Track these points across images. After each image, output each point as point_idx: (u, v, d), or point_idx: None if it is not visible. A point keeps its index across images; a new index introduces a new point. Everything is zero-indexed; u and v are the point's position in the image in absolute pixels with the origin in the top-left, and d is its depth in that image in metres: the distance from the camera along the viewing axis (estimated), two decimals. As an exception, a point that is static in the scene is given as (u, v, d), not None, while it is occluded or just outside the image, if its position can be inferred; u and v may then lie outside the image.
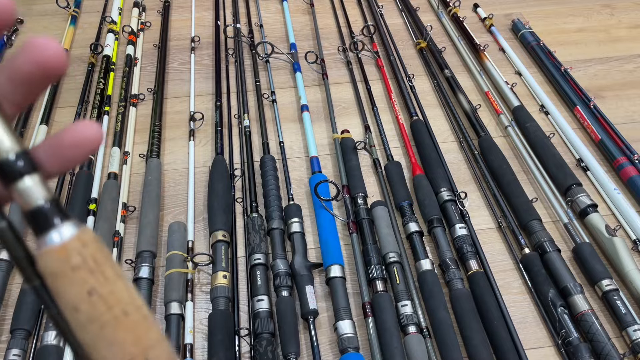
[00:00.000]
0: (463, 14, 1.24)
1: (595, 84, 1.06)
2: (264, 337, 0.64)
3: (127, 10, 1.22)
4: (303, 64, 1.09)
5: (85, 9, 1.25)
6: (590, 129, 0.96)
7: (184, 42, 1.16)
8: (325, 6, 1.28)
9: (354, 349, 0.64)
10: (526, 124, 0.94)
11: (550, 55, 1.11)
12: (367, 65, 1.10)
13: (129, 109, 0.98)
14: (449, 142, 0.95)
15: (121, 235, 0.76)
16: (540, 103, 1.02)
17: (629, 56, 1.14)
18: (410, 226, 0.77)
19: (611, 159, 0.90)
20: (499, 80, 1.05)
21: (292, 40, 1.15)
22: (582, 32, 1.22)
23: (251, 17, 1.23)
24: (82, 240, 0.17)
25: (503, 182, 0.84)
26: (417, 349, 0.64)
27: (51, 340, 0.64)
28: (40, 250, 0.17)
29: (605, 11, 1.28)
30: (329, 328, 0.69)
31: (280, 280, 0.69)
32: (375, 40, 1.17)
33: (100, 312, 0.17)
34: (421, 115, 0.98)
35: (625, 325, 0.67)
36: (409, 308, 0.68)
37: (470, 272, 0.73)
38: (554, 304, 0.68)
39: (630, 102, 1.03)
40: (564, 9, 1.29)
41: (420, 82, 1.07)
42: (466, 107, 0.99)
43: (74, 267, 0.17)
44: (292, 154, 0.92)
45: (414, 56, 1.15)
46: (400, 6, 1.29)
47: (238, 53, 1.10)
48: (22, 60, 0.16)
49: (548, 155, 0.88)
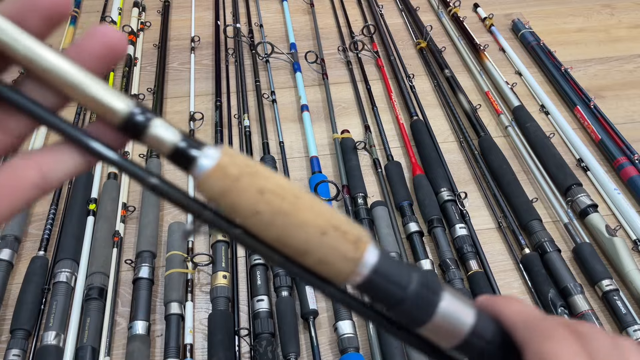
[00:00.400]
0: (463, 14, 1.24)
1: (595, 84, 1.06)
2: (264, 337, 0.64)
3: (127, 10, 1.22)
4: (303, 64, 1.09)
5: (85, 9, 1.25)
6: (590, 129, 0.95)
7: (184, 42, 1.16)
8: (325, 6, 1.28)
9: (354, 349, 0.64)
10: (526, 124, 0.94)
11: (551, 55, 1.11)
12: (367, 65, 1.10)
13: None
14: (449, 142, 0.95)
15: (121, 235, 0.75)
16: (541, 103, 1.02)
17: (629, 56, 1.14)
18: (410, 226, 0.77)
19: (611, 159, 0.90)
20: (499, 80, 1.05)
21: (292, 40, 1.15)
22: (582, 32, 1.22)
23: (251, 17, 1.23)
24: (228, 154, 0.18)
25: (503, 182, 0.84)
26: (417, 349, 0.64)
27: (51, 341, 0.64)
28: (199, 179, 0.18)
29: (605, 11, 1.28)
30: (329, 328, 0.69)
31: (280, 281, 0.69)
32: (375, 40, 1.17)
33: (278, 204, 0.18)
34: (421, 115, 0.98)
35: (626, 326, 0.67)
36: (409, 308, 0.67)
37: (470, 272, 0.73)
38: (554, 304, 0.68)
39: (630, 102, 1.03)
40: (564, 8, 1.29)
41: (420, 82, 1.07)
42: (466, 107, 0.99)
43: (236, 178, 0.18)
44: (292, 154, 0.92)
45: (414, 56, 1.15)
46: (400, 6, 1.29)
47: (238, 53, 1.10)
48: (90, 43, 0.18)
49: (548, 155, 0.88)
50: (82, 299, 0.68)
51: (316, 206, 0.19)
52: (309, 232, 0.18)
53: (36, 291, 0.69)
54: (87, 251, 0.73)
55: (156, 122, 0.18)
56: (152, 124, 0.18)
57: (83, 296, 0.69)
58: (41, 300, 0.68)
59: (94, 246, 0.73)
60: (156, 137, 0.18)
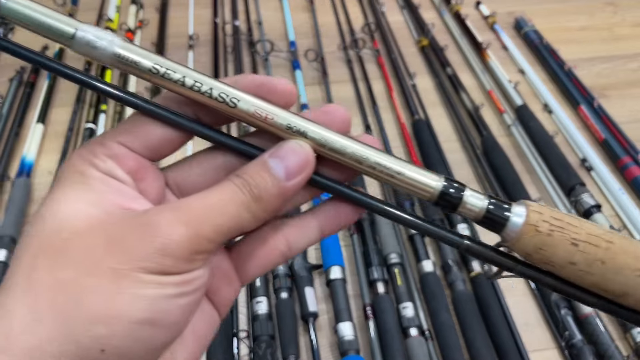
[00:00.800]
0: (465, 12, 1.23)
1: (599, 83, 1.05)
2: (263, 340, 0.63)
3: (124, 8, 1.21)
4: (303, 62, 1.07)
5: (82, 7, 1.24)
6: (593, 129, 0.94)
7: (182, 39, 1.15)
8: (325, 3, 1.27)
9: (355, 352, 0.63)
10: (529, 123, 0.93)
11: (554, 53, 1.10)
12: (367, 64, 1.09)
13: (126, 108, 0.96)
14: (451, 141, 0.94)
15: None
16: (544, 102, 1.01)
17: (632, 54, 1.13)
18: (411, 227, 0.76)
19: (615, 159, 0.89)
20: (501, 79, 1.04)
21: (291, 38, 1.14)
22: (586, 30, 1.21)
23: (250, 14, 1.21)
24: (534, 210, 0.19)
25: (506, 181, 0.83)
26: (418, 351, 0.63)
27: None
28: (512, 239, 0.20)
29: (608, 9, 1.27)
30: (329, 330, 0.68)
31: (279, 282, 0.68)
32: (376, 38, 1.16)
33: (592, 253, 0.19)
34: (423, 114, 0.97)
35: (629, 327, 0.66)
36: (411, 310, 0.67)
37: (472, 273, 0.72)
38: (558, 305, 0.67)
39: (634, 102, 1.02)
40: (567, 6, 1.28)
41: (422, 80, 1.06)
42: (469, 106, 0.98)
43: (548, 233, 0.19)
44: (292, 153, 0.91)
45: (415, 54, 1.13)
46: (401, 3, 1.28)
47: (237, 51, 1.09)
48: (326, 118, 0.22)
49: (551, 155, 0.87)
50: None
51: (630, 247, 0.19)
52: (627, 275, 0.19)
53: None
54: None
55: (467, 193, 0.20)
56: (464, 194, 0.20)
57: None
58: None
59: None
60: (470, 206, 0.20)
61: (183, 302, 0.19)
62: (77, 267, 0.18)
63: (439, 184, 0.20)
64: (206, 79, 0.20)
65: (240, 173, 0.20)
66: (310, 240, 0.23)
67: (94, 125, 0.91)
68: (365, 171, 0.21)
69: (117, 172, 0.20)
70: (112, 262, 0.18)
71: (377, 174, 0.21)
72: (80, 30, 0.20)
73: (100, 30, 0.20)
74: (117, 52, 0.20)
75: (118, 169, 0.20)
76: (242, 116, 0.21)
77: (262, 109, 0.20)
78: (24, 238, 0.19)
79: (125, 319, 0.17)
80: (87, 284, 0.18)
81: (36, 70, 1.02)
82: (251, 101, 0.20)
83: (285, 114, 0.21)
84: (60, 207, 0.19)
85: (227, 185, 0.20)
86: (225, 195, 0.19)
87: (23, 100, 0.96)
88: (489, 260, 0.20)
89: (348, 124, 0.22)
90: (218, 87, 0.20)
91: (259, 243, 0.23)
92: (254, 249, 0.23)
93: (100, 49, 0.20)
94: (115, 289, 0.17)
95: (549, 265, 0.19)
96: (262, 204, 0.20)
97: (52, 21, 0.19)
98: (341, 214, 0.23)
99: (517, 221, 0.19)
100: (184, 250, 0.18)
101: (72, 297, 0.17)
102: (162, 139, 0.21)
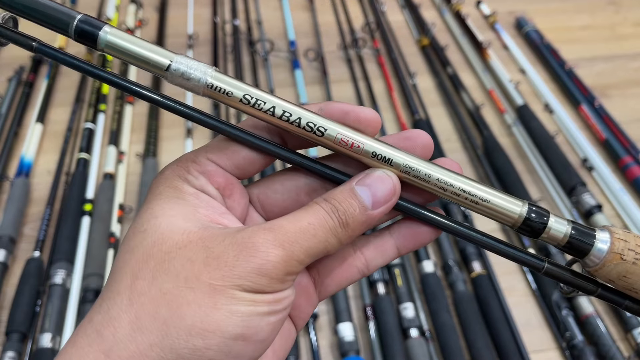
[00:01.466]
0: (466, 11, 1.22)
1: (600, 82, 1.05)
2: (263, 341, 0.63)
3: (123, 7, 1.21)
4: (303, 62, 1.07)
5: (81, 6, 1.23)
6: (595, 129, 0.94)
7: (182, 39, 1.15)
8: (325, 2, 1.27)
9: (355, 352, 0.63)
10: (530, 123, 0.93)
11: (555, 53, 1.09)
12: (368, 63, 1.09)
13: (125, 107, 0.96)
14: (451, 141, 0.94)
15: (117, 236, 0.74)
16: (545, 102, 1.01)
17: (634, 54, 1.13)
18: (412, 227, 0.76)
19: (616, 159, 0.89)
20: (502, 79, 1.04)
21: (291, 37, 1.14)
22: (587, 29, 1.21)
23: (250, 13, 1.21)
24: (619, 238, 0.20)
25: (507, 181, 0.83)
26: (419, 352, 0.63)
27: (47, 344, 0.63)
28: (595, 264, 0.20)
29: (610, 8, 1.27)
30: (329, 331, 0.68)
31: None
32: (377, 37, 1.16)
33: None
34: (423, 113, 0.97)
35: (630, 328, 0.66)
36: (411, 311, 0.66)
37: (473, 274, 0.71)
38: (559, 306, 0.67)
39: (635, 101, 1.02)
40: (568, 5, 1.27)
41: (422, 80, 1.06)
42: (469, 106, 0.98)
43: (633, 262, 0.19)
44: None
45: (416, 53, 1.13)
46: (401, 2, 1.27)
47: (236, 50, 1.08)
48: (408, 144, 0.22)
49: (552, 155, 0.86)
50: (77, 301, 0.67)
51: None
52: None
53: (31, 293, 0.67)
54: (83, 252, 0.72)
55: (552, 219, 0.20)
56: (549, 220, 0.20)
57: (79, 298, 0.67)
58: (36, 302, 0.67)
59: (90, 247, 0.72)
60: (554, 232, 0.20)
61: (273, 319, 0.19)
62: (178, 279, 0.19)
63: (523, 210, 0.20)
64: (295, 109, 0.21)
65: (328, 198, 0.21)
66: (387, 259, 0.24)
67: (93, 124, 0.91)
68: (449, 197, 0.21)
69: (209, 188, 0.21)
70: (209, 278, 0.18)
71: (461, 200, 0.21)
72: (175, 63, 0.20)
73: (191, 59, 0.20)
74: (210, 82, 0.20)
75: (209, 185, 0.21)
76: (327, 143, 0.21)
77: (347, 137, 0.21)
78: (125, 249, 0.20)
79: (219, 333, 0.18)
80: (187, 297, 0.18)
81: (35, 70, 1.02)
82: (337, 129, 0.21)
83: (371, 141, 0.21)
84: (160, 221, 0.20)
85: (317, 210, 0.20)
86: (315, 220, 0.20)
87: (22, 100, 0.95)
88: (570, 284, 0.21)
89: (430, 149, 0.22)
90: (306, 116, 0.21)
91: (338, 262, 0.23)
92: (334, 267, 0.24)
93: (194, 80, 0.20)
94: (212, 304, 0.18)
95: (632, 292, 0.20)
96: (349, 230, 0.20)
97: (149, 53, 0.20)
98: (419, 234, 0.23)
99: (602, 248, 0.19)
100: (279, 271, 0.19)
101: (173, 309, 0.18)
102: (249, 159, 0.22)
